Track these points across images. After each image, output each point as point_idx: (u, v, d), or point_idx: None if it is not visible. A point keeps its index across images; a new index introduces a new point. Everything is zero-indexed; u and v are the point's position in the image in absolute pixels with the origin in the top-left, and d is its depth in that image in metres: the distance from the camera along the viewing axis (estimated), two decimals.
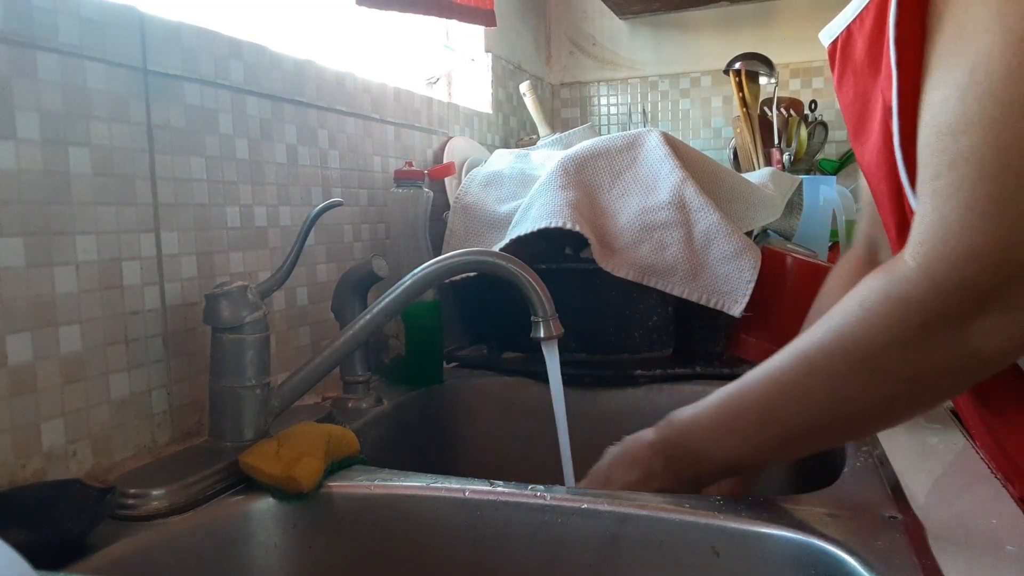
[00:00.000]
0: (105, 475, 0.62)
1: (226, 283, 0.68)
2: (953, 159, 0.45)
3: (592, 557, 0.59)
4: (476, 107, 1.41)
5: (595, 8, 1.73)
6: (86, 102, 0.62)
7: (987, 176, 0.44)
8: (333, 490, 0.65)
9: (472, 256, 0.73)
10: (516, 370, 1.05)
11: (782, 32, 1.64)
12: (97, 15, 0.63)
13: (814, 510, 0.56)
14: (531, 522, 0.61)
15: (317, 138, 0.91)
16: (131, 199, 0.66)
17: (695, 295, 0.96)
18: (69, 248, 0.61)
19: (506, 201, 1.09)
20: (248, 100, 0.80)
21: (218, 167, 0.76)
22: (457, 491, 0.63)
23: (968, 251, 0.44)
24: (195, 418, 0.73)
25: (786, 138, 1.51)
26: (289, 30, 1.01)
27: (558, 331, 0.70)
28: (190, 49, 0.72)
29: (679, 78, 1.72)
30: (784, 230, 1.22)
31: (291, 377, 0.72)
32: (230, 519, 0.61)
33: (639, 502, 0.59)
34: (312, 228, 0.75)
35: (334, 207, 0.77)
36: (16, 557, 0.31)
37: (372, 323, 0.72)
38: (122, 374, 0.65)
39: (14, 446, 0.56)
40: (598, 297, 1.00)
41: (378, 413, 0.86)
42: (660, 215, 0.97)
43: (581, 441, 1.04)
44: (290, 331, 0.86)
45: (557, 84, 1.81)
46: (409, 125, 1.12)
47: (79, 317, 0.61)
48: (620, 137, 1.05)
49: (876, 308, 0.48)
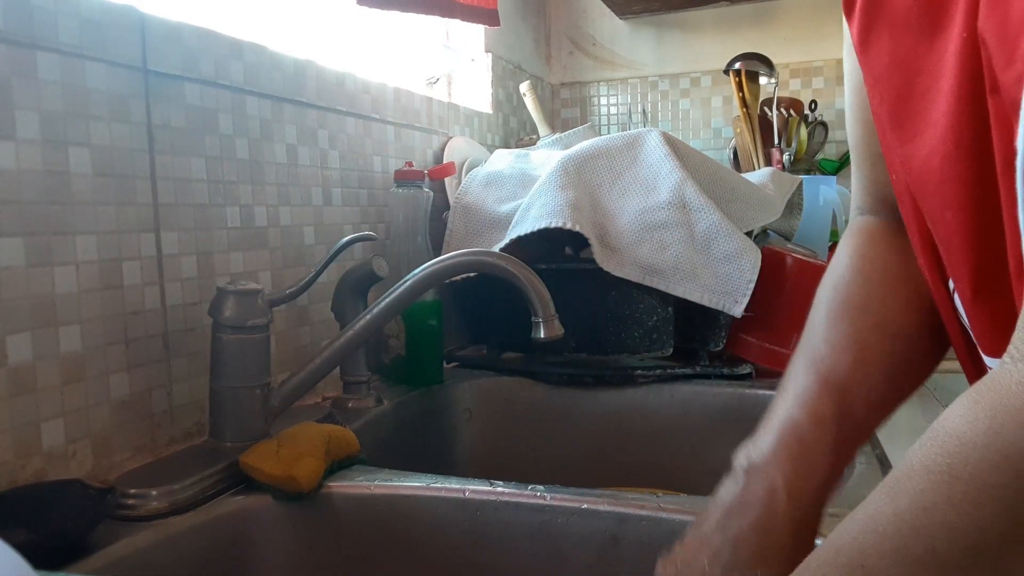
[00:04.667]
0: (105, 475, 0.62)
1: (241, 281, 0.68)
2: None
3: (592, 557, 0.59)
4: (476, 107, 1.41)
5: (595, 8, 1.73)
6: (86, 102, 0.62)
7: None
8: (333, 490, 0.65)
9: (472, 256, 0.73)
10: (516, 370, 1.05)
11: (782, 32, 1.64)
12: (97, 15, 0.63)
13: None
14: (531, 522, 0.61)
15: (317, 138, 0.91)
16: (131, 199, 0.66)
17: (695, 295, 0.96)
18: (69, 248, 0.61)
19: (506, 201, 1.09)
20: (248, 100, 0.80)
21: (218, 167, 0.76)
22: (457, 491, 0.63)
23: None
24: (195, 418, 0.73)
25: (786, 138, 1.51)
26: (289, 30, 1.01)
27: (558, 331, 0.70)
28: (190, 49, 0.72)
29: (679, 78, 1.72)
30: (784, 230, 1.22)
31: (291, 377, 0.72)
32: (230, 519, 0.61)
33: (639, 502, 0.59)
34: (339, 254, 0.76)
35: (366, 240, 0.78)
36: (16, 557, 0.31)
37: (372, 323, 0.72)
38: (122, 374, 0.65)
39: (14, 446, 0.56)
40: (598, 297, 1.00)
41: (378, 413, 0.86)
42: (660, 215, 0.97)
43: (581, 441, 1.05)
44: (290, 331, 0.86)
45: (557, 84, 1.81)
46: (409, 125, 1.12)
47: (79, 317, 0.61)
48: (620, 137, 1.05)
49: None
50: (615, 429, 1.01)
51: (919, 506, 0.33)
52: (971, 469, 0.31)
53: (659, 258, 0.97)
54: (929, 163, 0.40)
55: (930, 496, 0.33)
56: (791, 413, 0.48)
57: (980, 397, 0.33)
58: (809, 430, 0.47)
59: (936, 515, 0.32)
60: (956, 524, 0.32)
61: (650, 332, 1.01)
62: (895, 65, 0.43)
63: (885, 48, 0.44)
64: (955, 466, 0.32)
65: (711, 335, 1.02)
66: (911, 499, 0.34)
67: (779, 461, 0.46)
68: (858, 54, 0.46)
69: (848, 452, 0.48)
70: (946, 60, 0.38)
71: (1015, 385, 0.31)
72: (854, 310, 0.52)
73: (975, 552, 0.31)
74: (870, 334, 0.51)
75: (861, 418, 0.49)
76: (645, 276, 0.97)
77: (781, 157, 1.47)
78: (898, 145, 0.43)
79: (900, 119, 0.43)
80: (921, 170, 0.41)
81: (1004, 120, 0.34)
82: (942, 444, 0.33)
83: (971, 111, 0.36)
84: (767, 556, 0.44)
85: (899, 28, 0.42)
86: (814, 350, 0.51)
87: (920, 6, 0.40)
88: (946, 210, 0.40)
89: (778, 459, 0.46)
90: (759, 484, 0.46)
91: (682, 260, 0.96)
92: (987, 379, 0.33)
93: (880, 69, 0.44)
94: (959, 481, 0.32)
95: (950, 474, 0.32)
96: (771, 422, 0.48)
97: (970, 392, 0.34)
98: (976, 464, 0.31)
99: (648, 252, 0.97)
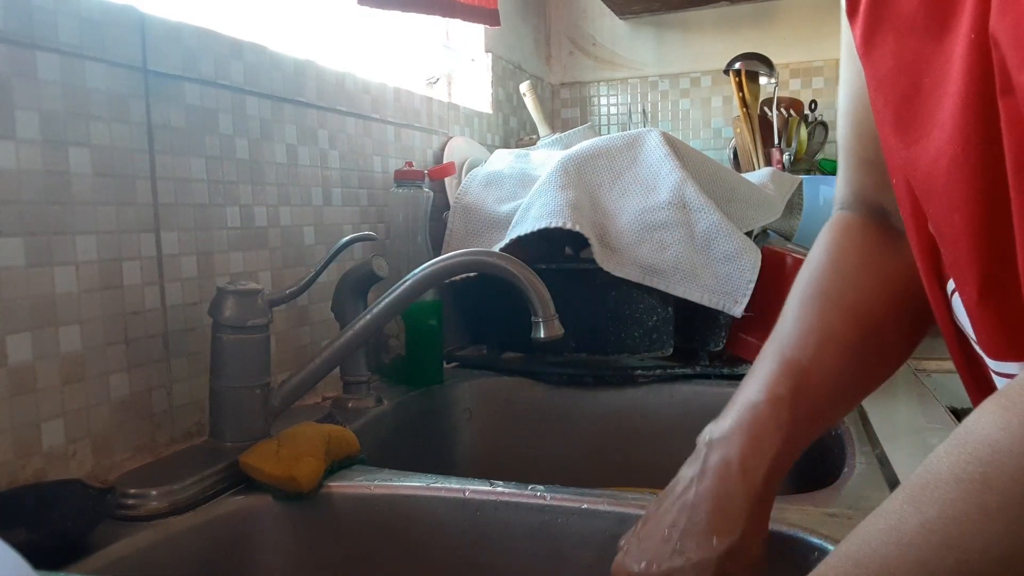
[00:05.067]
0: (105, 475, 0.62)
1: (241, 281, 0.68)
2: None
3: (592, 557, 0.59)
4: (476, 107, 1.41)
5: (595, 8, 1.73)
6: (86, 102, 0.62)
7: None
8: (333, 490, 0.65)
9: (472, 256, 0.73)
10: (516, 370, 1.05)
11: (782, 32, 1.64)
12: (97, 15, 0.63)
13: (814, 510, 0.57)
14: (531, 522, 0.61)
15: (317, 138, 0.91)
16: (131, 199, 0.66)
17: (695, 295, 0.96)
18: (69, 248, 0.61)
19: (506, 201, 1.09)
20: (248, 100, 0.80)
21: (218, 167, 0.76)
22: (457, 491, 0.63)
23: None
24: (195, 418, 0.73)
25: (786, 138, 1.51)
26: (289, 30, 1.01)
27: (558, 331, 0.70)
28: (190, 49, 0.72)
29: (679, 78, 1.72)
30: (784, 230, 1.22)
31: (291, 377, 0.72)
32: (230, 519, 0.61)
33: (639, 502, 0.59)
34: (339, 254, 0.75)
35: (366, 240, 0.78)
36: (16, 557, 0.31)
37: (372, 323, 0.72)
38: (122, 374, 0.65)
39: (14, 446, 0.56)
40: (598, 297, 1.00)
41: (378, 413, 0.86)
42: (660, 215, 0.97)
43: (581, 441, 1.05)
44: (290, 331, 0.86)
45: (557, 84, 1.81)
46: (409, 125, 1.12)
47: (79, 317, 0.61)
48: (620, 137, 1.06)
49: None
50: (615, 429, 1.01)
51: (949, 516, 0.32)
52: (1006, 479, 0.31)
53: (659, 258, 0.97)
54: (936, 165, 0.39)
55: (961, 506, 0.32)
56: (752, 394, 0.51)
57: (1011, 403, 0.32)
58: (765, 409, 0.49)
59: (968, 526, 0.31)
60: (990, 535, 0.31)
61: (650, 332, 1.01)
62: (900, 67, 0.42)
63: (890, 50, 0.43)
64: (989, 475, 0.31)
65: (711, 335, 1.02)
66: (940, 509, 0.33)
67: (735, 437, 0.49)
68: (861, 56, 0.45)
69: (805, 431, 0.51)
70: (953, 62, 0.37)
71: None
72: (824, 297, 0.54)
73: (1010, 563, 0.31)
74: (837, 319, 0.53)
75: (821, 399, 0.51)
76: (645, 276, 0.97)
77: (781, 157, 1.47)
78: (902, 147, 0.43)
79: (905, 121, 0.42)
80: (927, 172, 0.41)
81: (1018, 121, 0.33)
82: (973, 451, 0.32)
83: (980, 113, 0.36)
84: (721, 525, 0.47)
85: (904, 30, 0.42)
86: (782, 335, 0.53)
87: (926, 8, 0.40)
88: (953, 212, 0.39)
89: (734, 435, 0.49)
90: (715, 458, 0.49)
91: (682, 260, 0.96)
92: (1017, 385, 0.32)
93: (884, 71, 0.43)
94: (993, 490, 0.31)
95: (983, 483, 0.31)
96: (735, 403, 0.52)
97: (998, 398, 0.33)
98: (1012, 473, 0.31)
99: (648, 252, 0.97)
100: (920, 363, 1.02)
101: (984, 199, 0.37)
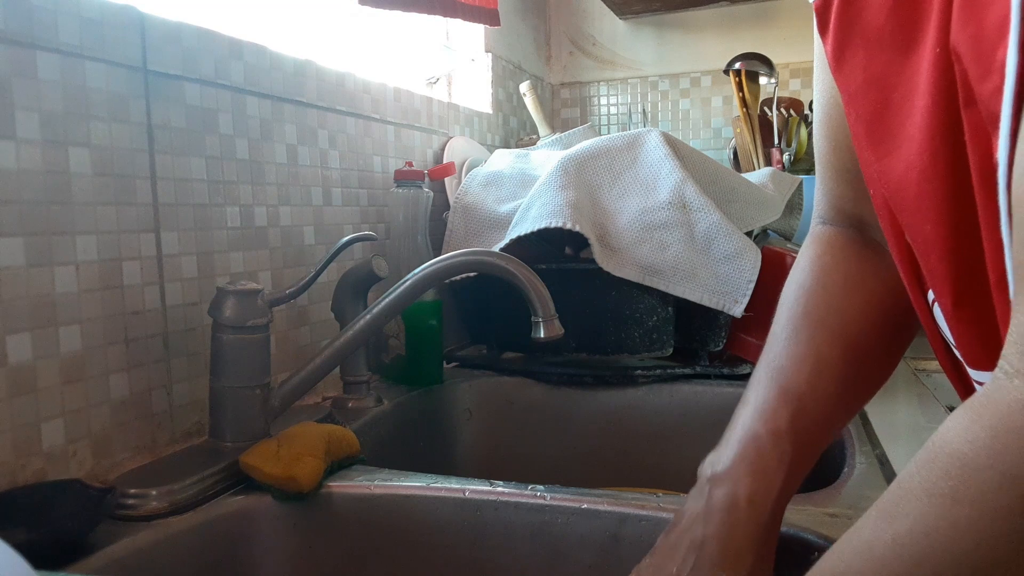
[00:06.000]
0: (105, 475, 0.62)
1: (240, 281, 0.68)
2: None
3: (592, 557, 0.59)
4: (476, 107, 1.41)
5: (595, 8, 1.73)
6: (86, 102, 0.62)
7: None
8: (333, 490, 0.65)
9: (472, 256, 0.73)
10: (516, 370, 1.05)
11: (782, 32, 1.64)
12: (97, 15, 0.63)
13: (814, 510, 0.57)
14: (531, 522, 0.61)
15: (317, 138, 0.91)
16: (131, 199, 0.66)
17: (695, 295, 0.96)
18: (69, 248, 0.61)
19: (506, 201, 1.09)
20: (248, 100, 0.80)
21: (218, 167, 0.76)
22: (457, 491, 0.63)
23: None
24: (195, 418, 0.73)
25: (786, 138, 1.51)
26: (289, 30, 1.01)
27: (558, 331, 0.70)
28: (190, 49, 0.72)
29: (679, 78, 1.72)
30: (784, 230, 1.22)
31: (291, 377, 0.72)
32: (230, 519, 0.61)
33: (639, 502, 0.59)
34: (339, 254, 0.75)
35: (366, 240, 0.78)
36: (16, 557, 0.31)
37: (372, 323, 0.72)
38: (122, 374, 0.65)
39: (14, 446, 0.56)
40: (598, 297, 1.00)
41: (378, 413, 0.86)
42: (660, 215, 0.97)
43: (581, 441, 1.05)
44: (290, 331, 0.86)
45: (557, 84, 1.81)
46: (409, 125, 1.12)
47: (79, 317, 0.61)
48: (620, 137, 1.06)
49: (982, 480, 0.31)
50: (615, 429, 1.01)
51: (920, 531, 0.32)
52: (975, 492, 0.31)
53: (659, 258, 0.97)
54: (907, 178, 0.40)
55: (932, 520, 0.32)
56: (752, 425, 0.50)
57: (978, 416, 0.32)
58: (767, 443, 0.49)
59: (939, 540, 0.32)
60: (961, 549, 0.31)
61: (650, 332, 1.01)
62: (870, 82, 0.43)
63: (860, 65, 0.43)
64: (958, 489, 0.31)
65: (711, 335, 1.02)
66: (911, 523, 0.33)
67: (739, 472, 0.49)
68: (833, 71, 0.46)
69: (805, 462, 0.50)
70: (920, 75, 0.38)
71: (1015, 403, 0.30)
72: (813, 321, 0.54)
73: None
74: (827, 345, 0.53)
75: (815, 431, 0.51)
76: (645, 276, 0.97)
77: (781, 157, 1.47)
78: (875, 161, 0.43)
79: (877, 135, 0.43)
80: (899, 185, 0.41)
81: (980, 133, 0.33)
82: (943, 466, 0.32)
83: (946, 125, 0.36)
84: (730, 561, 0.47)
85: (873, 45, 0.42)
86: (774, 361, 0.53)
87: (893, 22, 0.40)
88: (925, 224, 0.39)
89: (739, 471, 0.49)
90: (721, 494, 0.49)
91: (682, 260, 0.96)
92: (983, 396, 0.32)
93: (855, 86, 0.44)
94: (962, 504, 0.31)
95: (953, 497, 0.31)
96: (733, 433, 0.51)
97: (966, 409, 0.33)
98: (980, 486, 0.31)
99: (648, 252, 0.97)
100: (920, 363, 1.02)
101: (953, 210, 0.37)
